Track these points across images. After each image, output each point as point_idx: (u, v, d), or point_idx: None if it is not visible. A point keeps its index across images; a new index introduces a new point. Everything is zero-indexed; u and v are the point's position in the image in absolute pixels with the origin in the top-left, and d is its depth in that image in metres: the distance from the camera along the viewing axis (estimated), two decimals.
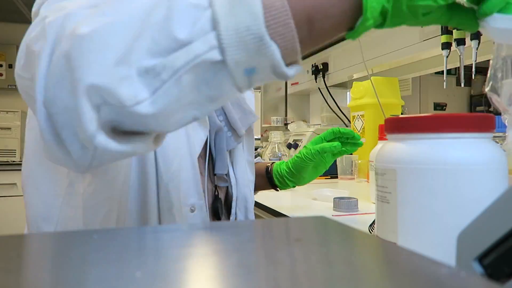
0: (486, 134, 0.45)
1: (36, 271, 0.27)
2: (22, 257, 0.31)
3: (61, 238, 0.38)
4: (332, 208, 0.90)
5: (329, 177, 1.66)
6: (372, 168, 0.95)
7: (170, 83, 0.34)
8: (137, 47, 0.33)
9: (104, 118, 0.35)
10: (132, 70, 0.33)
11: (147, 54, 0.33)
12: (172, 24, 0.33)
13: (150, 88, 0.34)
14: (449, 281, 0.24)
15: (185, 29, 0.33)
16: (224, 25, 0.33)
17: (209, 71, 0.34)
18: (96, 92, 0.33)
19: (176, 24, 0.33)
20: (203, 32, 0.33)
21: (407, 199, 0.44)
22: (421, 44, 1.56)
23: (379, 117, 1.39)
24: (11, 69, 3.35)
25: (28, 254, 0.32)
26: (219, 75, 0.34)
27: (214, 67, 0.34)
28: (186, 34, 0.33)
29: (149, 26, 0.34)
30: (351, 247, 0.35)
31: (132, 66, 0.33)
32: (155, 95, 0.34)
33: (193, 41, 0.33)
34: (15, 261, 0.30)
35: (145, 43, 0.33)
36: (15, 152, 3.01)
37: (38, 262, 0.30)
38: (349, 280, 0.26)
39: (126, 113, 0.34)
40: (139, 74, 0.33)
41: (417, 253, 0.29)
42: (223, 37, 0.33)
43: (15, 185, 2.84)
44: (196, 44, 0.33)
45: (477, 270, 0.31)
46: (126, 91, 0.33)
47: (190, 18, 0.33)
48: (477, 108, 2.27)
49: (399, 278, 0.26)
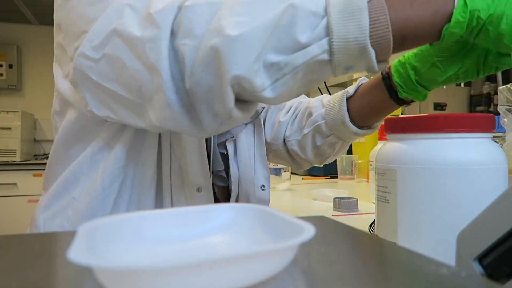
0: (486, 134, 0.45)
1: (36, 271, 0.27)
2: (22, 256, 0.31)
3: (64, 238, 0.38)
4: (332, 208, 0.90)
5: (329, 177, 1.66)
6: (372, 168, 0.95)
7: (289, 76, 0.42)
8: (267, 45, 0.41)
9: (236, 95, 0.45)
10: (261, 64, 0.41)
11: (273, 51, 0.41)
12: (296, 28, 0.40)
13: (272, 78, 0.42)
14: (449, 281, 0.24)
15: (305, 33, 0.40)
16: (337, 35, 0.40)
17: (316, 66, 0.42)
18: (238, 80, 0.42)
19: (299, 28, 0.40)
20: (319, 38, 0.40)
21: (407, 199, 0.44)
22: None
23: None
24: (11, 69, 3.35)
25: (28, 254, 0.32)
26: (323, 69, 0.42)
27: (321, 63, 0.42)
28: (306, 38, 0.40)
29: (277, 29, 0.41)
30: (351, 247, 0.35)
31: (262, 60, 0.41)
32: (275, 83, 0.43)
33: (310, 44, 0.41)
34: (15, 261, 0.30)
35: (272, 42, 0.41)
36: (15, 152, 3.00)
37: (37, 262, 0.30)
38: (349, 279, 0.26)
39: (254, 96, 0.44)
40: (265, 66, 0.42)
41: (417, 253, 0.29)
42: (334, 44, 0.40)
43: (15, 185, 2.84)
44: (313, 47, 0.40)
45: (477, 270, 0.31)
46: (259, 81, 0.42)
47: (310, 24, 0.40)
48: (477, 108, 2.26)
49: (399, 278, 0.26)
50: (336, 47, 0.40)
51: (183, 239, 0.31)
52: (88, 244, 0.24)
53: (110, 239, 0.28)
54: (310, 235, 0.24)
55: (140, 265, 0.20)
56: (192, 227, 0.32)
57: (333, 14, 0.40)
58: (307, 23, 0.40)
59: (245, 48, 0.41)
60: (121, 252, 0.27)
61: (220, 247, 0.31)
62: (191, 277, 0.21)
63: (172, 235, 0.31)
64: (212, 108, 0.46)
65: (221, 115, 0.46)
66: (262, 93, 0.43)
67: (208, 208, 0.33)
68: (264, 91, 0.43)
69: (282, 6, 0.41)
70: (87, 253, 0.22)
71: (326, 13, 0.40)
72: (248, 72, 0.41)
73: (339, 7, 0.40)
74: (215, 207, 0.33)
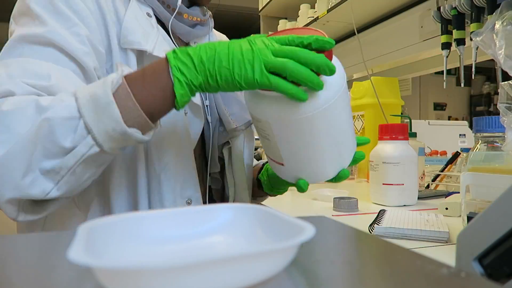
0: None
1: (36, 271, 0.27)
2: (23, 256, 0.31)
3: None
4: (332, 208, 0.89)
5: None
6: (373, 168, 0.95)
7: (68, 175, 0.47)
8: (35, 157, 0.46)
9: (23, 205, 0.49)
10: (36, 173, 0.46)
11: (44, 158, 0.46)
12: (57, 136, 0.45)
13: (54, 181, 0.47)
14: (449, 281, 0.24)
15: (68, 137, 0.46)
16: (96, 131, 0.46)
17: (95, 158, 0.48)
18: (14, 200, 0.47)
19: (60, 135, 0.45)
20: (82, 137, 0.46)
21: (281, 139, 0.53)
22: (421, 44, 1.56)
23: (379, 117, 1.39)
24: None
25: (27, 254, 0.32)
26: (102, 156, 0.49)
27: (98, 155, 0.47)
28: (70, 142, 0.46)
29: (39, 141, 0.45)
30: (351, 247, 0.35)
31: (35, 170, 0.46)
32: (58, 185, 0.47)
33: (76, 145, 0.46)
34: (15, 261, 0.30)
35: (40, 152, 0.46)
36: None
37: (37, 262, 0.30)
38: (349, 279, 0.26)
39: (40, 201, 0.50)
40: (43, 173, 0.46)
41: (417, 253, 0.29)
42: (97, 139, 0.46)
43: None
44: (80, 148, 0.46)
45: (477, 270, 0.31)
46: (36, 191, 0.47)
47: (69, 128, 0.46)
48: (477, 108, 2.26)
49: (399, 278, 0.26)
50: (101, 140, 0.46)
51: (183, 239, 0.31)
52: (88, 244, 0.24)
53: (110, 239, 0.28)
54: (310, 235, 0.24)
55: (140, 265, 0.20)
56: (192, 227, 0.32)
57: (87, 114, 0.46)
58: (66, 128, 0.46)
59: (5, 171, 0.46)
60: (121, 252, 0.27)
61: (220, 247, 0.31)
62: (191, 277, 0.21)
63: (172, 235, 0.31)
64: None
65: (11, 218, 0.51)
66: (48, 195, 0.47)
67: (208, 208, 0.33)
68: (50, 193, 0.47)
69: (38, 120, 0.46)
70: (87, 253, 0.22)
71: (81, 115, 0.46)
72: (19, 191, 0.46)
73: (89, 106, 0.46)
74: (215, 207, 0.33)
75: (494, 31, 0.59)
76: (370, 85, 1.43)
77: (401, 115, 1.46)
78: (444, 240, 0.59)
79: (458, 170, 1.14)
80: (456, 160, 1.16)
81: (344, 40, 2.09)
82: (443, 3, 1.32)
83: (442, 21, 1.30)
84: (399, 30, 1.69)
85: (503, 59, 0.57)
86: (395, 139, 0.92)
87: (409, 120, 1.22)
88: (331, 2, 1.75)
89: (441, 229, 0.61)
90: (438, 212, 0.79)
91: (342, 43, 2.10)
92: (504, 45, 0.59)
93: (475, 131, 0.64)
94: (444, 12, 1.27)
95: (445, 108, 3.64)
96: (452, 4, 1.23)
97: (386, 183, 0.91)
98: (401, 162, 0.89)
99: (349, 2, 1.58)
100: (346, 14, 1.67)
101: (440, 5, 1.32)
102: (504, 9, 0.61)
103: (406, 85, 2.49)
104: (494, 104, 2.09)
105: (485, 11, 1.12)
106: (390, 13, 1.74)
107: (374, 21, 1.84)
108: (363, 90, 1.51)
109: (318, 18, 1.85)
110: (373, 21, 1.84)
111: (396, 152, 0.91)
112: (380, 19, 1.80)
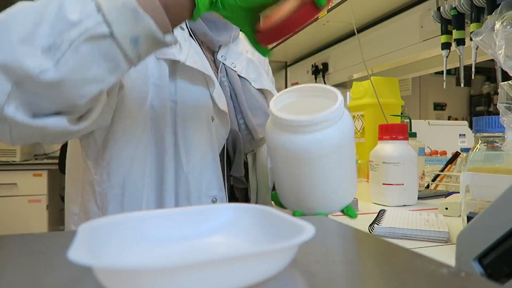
0: None
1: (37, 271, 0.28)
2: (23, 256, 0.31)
3: None
4: None
5: None
6: (372, 168, 0.95)
7: (69, 52, 0.41)
8: (39, 32, 0.41)
9: (22, 97, 0.42)
10: (36, 49, 0.41)
11: (48, 36, 0.41)
12: (65, 11, 0.41)
13: (54, 59, 0.41)
14: (449, 281, 0.24)
15: (76, 12, 0.41)
16: (106, 7, 0.42)
17: (103, 45, 0.42)
18: (7, 68, 0.40)
19: (68, 10, 0.41)
20: (91, 14, 0.41)
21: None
22: (421, 44, 1.56)
23: (379, 117, 1.39)
24: None
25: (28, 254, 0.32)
26: (111, 48, 0.43)
27: (106, 40, 0.42)
28: (77, 16, 0.41)
29: (46, 16, 0.42)
30: (351, 247, 0.35)
31: (36, 46, 0.41)
32: (58, 64, 0.41)
33: (83, 20, 0.41)
34: (15, 261, 0.30)
35: (45, 29, 0.41)
36: (15, 152, 3.00)
37: (37, 262, 0.30)
38: (349, 279, 0.26)
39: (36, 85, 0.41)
40: (43, 51, 0.41)
41: (417, 253, 0.29)
42: (106, 15, 0.41)
43: (15, 185, 2.84)
44: (86, 21, 0.41)
45: (477, 270, 0.31)
46: (31, 64, 0.40)
47: (79, 5, 0.42)
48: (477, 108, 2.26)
49: (399, 278, 0.26)
50: (110, 17, 0.42)
51: (183, 239, 0.31)
52: (88, 244, 0.24)
53: (110, 239, 0.28)
54: (310, 235, 0.24)
55: (140, 265, 0.20)
56: (192, 227, 0.32)
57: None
58: (76, 4, 0.42)
59: (5, 29, 0.41)
60: (121, 252, 0.27)
61: (220, 247, 0.31)
62: (191, 277, 0.21)
63: (172, 235, 0.31)
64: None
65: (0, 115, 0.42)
66: (42, 76, 0.41)
67: (209, 208, 0.33)
68: (44, 73, 0.41)
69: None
70: (87, 253, 0.22)
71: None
72: (12, 56, 0.40)
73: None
74: (215, 207, 0.33)
75: (494, 31, 0.59)
76: (370, 85, 1.43)
77: (401, 115, 1.46)
78: (444, 240, 0.59)
79: (458, 170, 1.14)
80: (456, 160, 1.16)
81: (344, 40, 2.09)
82: (443, 3, 1.32)
83: (442, 21, 1.30)
84: (399, 30, 1.69)
85: (503, 59, 0.57)
86: (395, 139, 0.92)
87: (409, 120, 1.22)
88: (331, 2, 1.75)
89: (441, 229, 0.61)
90: (438, 212, 0.79)
91: (342, 43, 2.09)
92: (504, 45, 0.59)
93: (475, 131, 0.64)
94: (444, 12, 1.27)
95: (445, 108, 3.65)
96: (452, 4, 1.23)
97: (386, 183, 0.91)
98: (401, 162, 0.90)
99: (349, 2, 1.58)
100: (346, 14, 1.67)
101: (440, 5, 1.32)
102: (503, 9, 0.61)
103: (406, 85, 2.49)
104: (494, 104, 2.09)
105: (485, 11, 1.12)
106: (390, 13, 1.74)
107: (374, 21, 1.84)
108: (363, 90, 1.51)
109: (318, 18, 1.85)
110: (373, 21, 1.84)
111: (396, 152, 0.91)
112: (380, 19, 1.80)
